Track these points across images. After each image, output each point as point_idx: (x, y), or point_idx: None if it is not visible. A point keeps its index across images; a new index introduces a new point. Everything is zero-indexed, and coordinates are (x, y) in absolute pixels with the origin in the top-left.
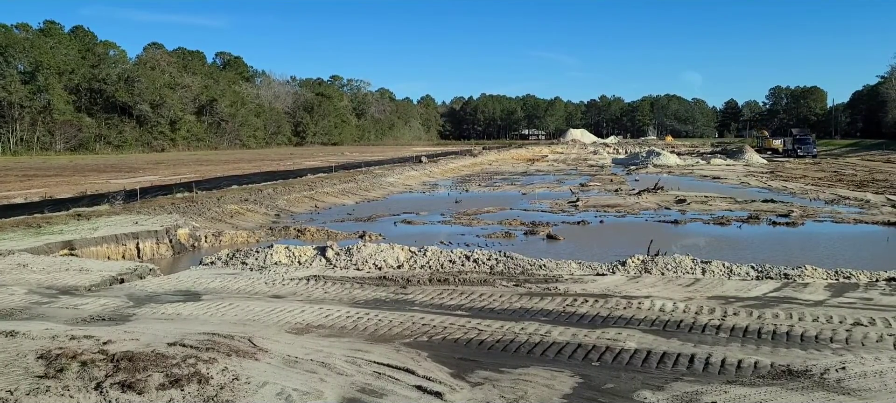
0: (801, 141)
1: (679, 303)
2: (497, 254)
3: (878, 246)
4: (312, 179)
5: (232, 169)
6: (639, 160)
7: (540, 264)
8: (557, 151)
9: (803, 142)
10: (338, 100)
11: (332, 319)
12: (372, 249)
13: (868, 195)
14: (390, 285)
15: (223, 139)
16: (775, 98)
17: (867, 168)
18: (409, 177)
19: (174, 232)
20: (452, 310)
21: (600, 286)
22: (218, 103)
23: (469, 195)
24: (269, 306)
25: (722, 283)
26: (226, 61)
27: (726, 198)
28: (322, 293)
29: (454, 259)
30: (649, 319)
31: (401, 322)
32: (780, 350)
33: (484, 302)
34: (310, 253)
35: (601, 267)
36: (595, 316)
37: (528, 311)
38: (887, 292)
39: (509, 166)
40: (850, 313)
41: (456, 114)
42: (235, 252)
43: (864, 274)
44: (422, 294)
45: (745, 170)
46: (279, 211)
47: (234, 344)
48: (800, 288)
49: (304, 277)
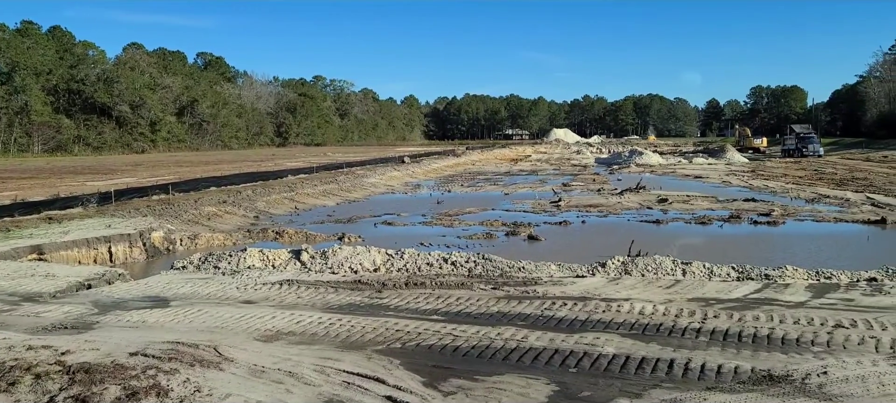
0: (805, 139)
1: (659, 306)
2: (475, 256)
3: (859, 245)
4: (293, 180)
5: (212, 170)
6: (621, 159)
7: (519, 266)
8: (541, 151)
9: (808, 140)
10: (321, 101)
11: (304, 325)
12: (348, 252)
13: (848, 193)
14: (365, 289)
15: (204, 140)
16: (756, 97)
17: (847, 166)
18: (391, 178)
19: (148, 235)
20: (428, 315)
21: (579, 288)
22: (199, 104)
23: (451, 195)
24: (240, 312)
25: (702, 285)
26: (207, 61)
27: (708, 197)
28: (295, 298)
29: (432, 261)
30: (628, 323)
31: (374, 328)
32: (760, 354)
33: (460, 306)
34: (284, 256)
35: (581, 269)
36: (573, 320)
37: (506, 315)
38: (868, 292)
39: (492, 166)
40: (831, 315)
41: (440, 115)
42: (208, 256)
43: (845, 274)
44: (397, 298)
45: (726, 169)
46: (258, 212)
47: (198, 354)
48: (781, 289)
49: (277, 282)
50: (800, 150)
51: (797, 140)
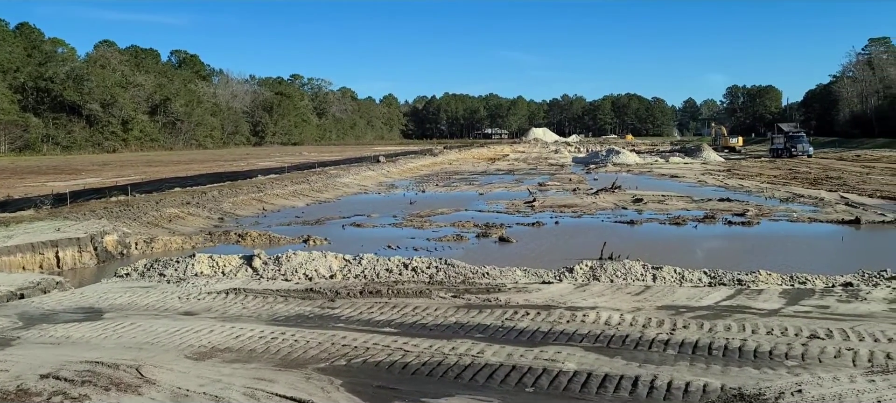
0: (794, 138)
1: (626, 315)
2: (437, 262)
3: (834, 247)
4: (262, 180)
5: (182, 170)
6: (599, 159)
7: (483, 272)
8: (519, 150)
9: (797, 139)
10: (298, 100)
11: (243, 340)
12: (303, 258)
13: (822, 193)
14: (317, 298)
15: (178, 139)
16: (733, 97)
17: (821, 165)
18: (365, 178)
19: (101, 238)
20: (380, 327)
21: (545, 295)
22: (172, 102)
23: (425, 196)
24: (176, 325)
25: (673, 291)
26: (181, 59)
27: (683, 197)
28: (240, 308)
29: (391, 267)
30: (593, 334)
31: (319, 342)
32: (731, 369)
33: (416, 316)
34: (235, 262)
35: (548, 275)
36: (535, 332)
37: (463, 327)
38: (844, 299)
39: (470, 166)
40: (806, 324)
41: (419, 114)
42: (154, 262)
43: (820, 278)
44: (350, 308)
45: (702, 169)
46: (223, 214)
47: (116, 376)
48: (754, 296)
49: (223, 290)
50: (789, 150)
51: (786, 139)
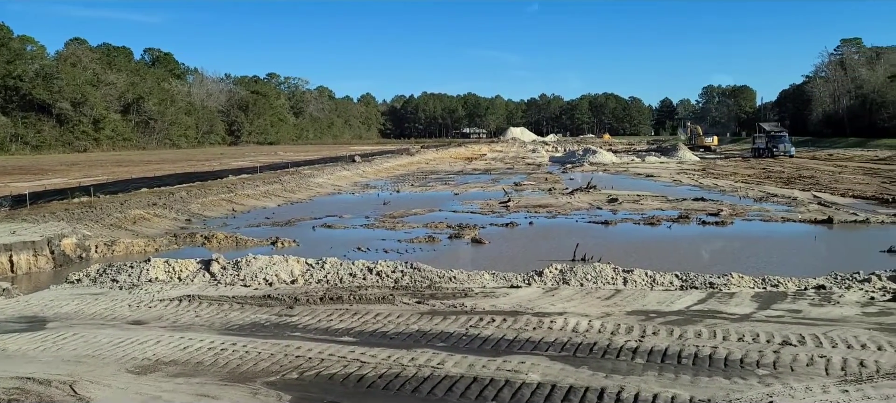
0: (775, 138)
1: (595, 321)
2: (403, 266)
3: (806, 247)
4: (234, 181)
5: (152, 170)
6: (575, 158)
7: (450, 276)
8: (497, 150)
9: (779, 139)
10: (274, 99)
11: (191, 352)
12: (263, 262)
13: (795, 192)
14: (275, 305)
15: (151, 139)
16: (708, 96)
17: (794, 165)
18: (340, 178)
19: (58, 241)
20: (338, 336)
21: (512, 301)
22: (145, 101)
23: (399, 196)
24: (122, 335)
25: (643, 295)
26: (155, 58)
27: (658, 196)
28: (192, 317)
29: (355, 272)
30: (560, 342)
31: (272, 353)
32: (701, 379)
33: (378, 324)
34: (192, 267)
35: (517, 279)
36: (499, 340)
37: (426, 335)
38: (816, 302)
39: (447, 165)
40: (778, 329)
41: (397, 113)
42: (107, 267)
43: (793, 281)
44: (309, 315)
45: (678, 168)
46: (191, 215)
47: (47, 394)
48: (725, 299)
49: (177, 297)
50: (770, 150)
51: (768, 139)
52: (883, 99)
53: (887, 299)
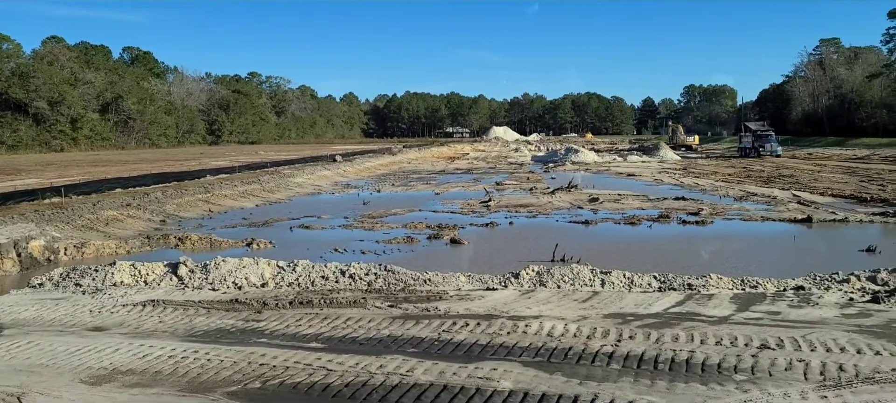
0: (762, 137)
1: (571, 325)
2: (377, 268)
3: (786, 247)
4: (211, 181)
5: (129, 169)
6: (557, 158)
7: (424, 279)
8: (479, 149)
9: (766, 138)
10: (256, 98)
11: (150, 360)
12: (232, 265)
13: (775, 191)
14: (243, 309)
15: (131, 138)
16: (689, 96)
17: (774, 163)
18: (320, 178)
19: (25, 244)
20: (306, 342)
21: (487, 304)
22: (124, 100)
23: (380, 196)
24: (80, 343)
25: (621, 297)
26: (134, 56)
27: (639, 196)
28: (156, 322)
29: (328, 274)
30: (534, 347)
31: (235, 361)
32: (677, 385)
33: (347, 329)
34: (159, 270)
35: (493, 281)
36: (472, 345)
37: (397, 341)
38: (795, 304)
39: (429, 165)
40: (756, 332)
41: (380, 112)
42: (71, 270)
43: (772, 282)
44: (277, 320)
45: (659, 167)
46: (166, 216)
47: None
48: (704, 301)
49: (141, 302)
50: (757, 150)
51: (754, 138)
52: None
53: (866, 300)
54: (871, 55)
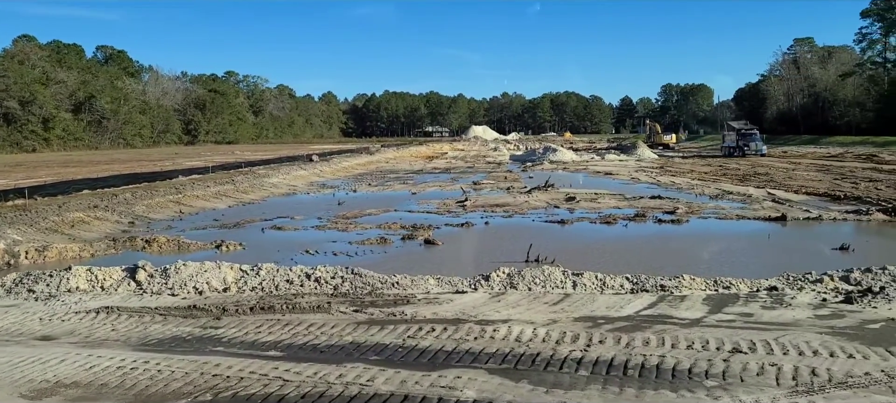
0: (747, 136)
1: (540, 329)
2: (343, 271)
3: (760, 245)
4: (183, 181)
5: (101, 170)
6: (535, 157)
7: (392, 282)
8: (458, 148)
9: (750, 137)
10: (233, 97)
11: (97, 372)
12: (193, 269)
13: (750, 189)
14: (201, 316)
15: (105, 138)
16: (667, 95)
17: (749, 162)
18: (296, 177)
19: None
20: (264, 350)
21: (456, 307)
22: (97, 100)
23: (355, 196)
24: (26, 353)
25: (593, 299)
26: (108, 55)
27: (616, 194)
28: (108, 331)
29: (293, 278)
30: (501, 353)
31: (187, 372)
32: (646, 392)
33: (309, 336)
34: (117, 275)
35: (462, 283)
36: (437, 352)
37: (359, 348)
38: (768, 305)
39: (406, 164)
40: (728, 335)
41: (359, 112)
42: (24, 275)
43: (745, 282)
44: (236, 327)
45: (636, 166)
46: (135, 217)
47: None
48: (676, 303)
49: (95, 309)
50: (741, 149)
51: (738, 137)
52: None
53: (839, 300)
54: (845, 54)
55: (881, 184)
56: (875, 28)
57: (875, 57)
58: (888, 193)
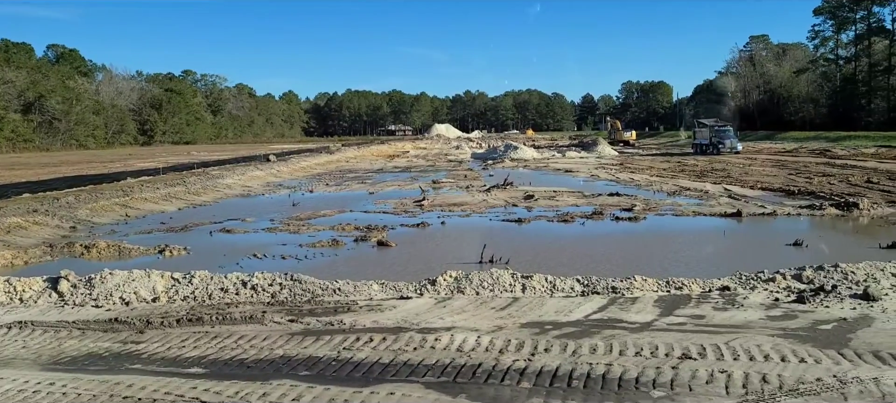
0: (721, 132)
1: (483, 337)
2: (282, 278)
3: (715, 242)
4: (132, 183)
5: (48, 172)
6: (497, 154)
7: (334, 288)
8: (420, 147)
9: (724, 134)
10: (190, 97)
11: None
12: (120, 278)
13: (707, 185)
14: (123, 330)
15: (56, 140)
16: (627, 92)
17: (707, 158)
18: (252, 178)
19: None
20: (186, 367)
21: (398, 315)
22: (48, 100)
23: (312, 196)
24: None
25: (542, 303)
26: (59, 54)
27: (575, 192)
28: (19, 348)
29: (228, 286)
30: (441, 365)
31: (96, 395)
32: None
33: (237, 350)
34: (37, 286)
35: (408, 288)
36: (373, 365)
37: (290, 362)
38: (720, 306)
39: (367, 163)
40: (678, 340)
41: (321, 111)
42: None
43: (697, 282)
44: (159, 341)
45: (597, 163)
46: (77, 222)
47: None
48: (627, 306)
49: (7, 324)
50: (716, 146)
51: (712, 134)
52: (789, 93)
53: (791, 300)
54: (798, 51)
55: (834, 179)
56: (827, 26)
57: (827, 54)
58: (840, 188)
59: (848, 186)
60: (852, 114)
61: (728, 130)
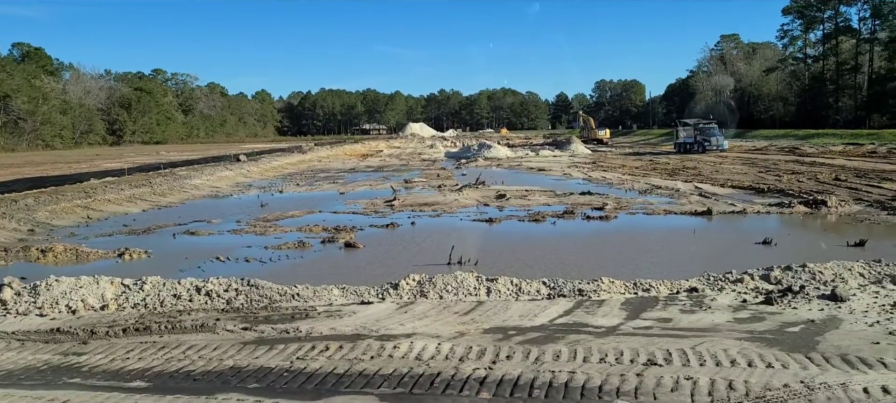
0: (706, 130)
1: (444, 344)
2: (239, 283)
3: (684, 241)
4: (95, 184)
5: (10, 173)
6: (470, 153)
7: (293, 293)
8: (394, 146)
9: (710, 132)
10: (160, 96)
11: None
12: (67, 285)
13: (678, 183)
14: (66, 340)
15: (21, 140)
16: (601, 91)
17: (679, 156)
18: (220, 179)
19: None
20: (128, 380)
21: (357, 321)
22: (13, 100)
23: (281, 197)
24: None
25: (506, 307)
26: (25, 53)
27: (547, 191)
28: None
29: (181, 292)
30: (398, 374)
31: None
32: None
33: (184, 361)
34: None
35: (369, 293)
36: (328, 375)
37: (239, 373)
38: (688, 308)
39: (340, 162)
40: (644, 345)
41: (294, 110)
42: None
43: (665, 284)
44: (103, 352)
45: (570, 161)
46: (36, 225)
47: None
48: (593, 309)
49: None
50: (701, 144)
51: (696, 133)
52: (759, 92)
53: (759, 301)
54: (768, 50)
55: (803, 177)
56: (796, 25)
57: (796, 53)
58: (809, 185)
59: (816, 184)
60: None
61: (714, 128)
